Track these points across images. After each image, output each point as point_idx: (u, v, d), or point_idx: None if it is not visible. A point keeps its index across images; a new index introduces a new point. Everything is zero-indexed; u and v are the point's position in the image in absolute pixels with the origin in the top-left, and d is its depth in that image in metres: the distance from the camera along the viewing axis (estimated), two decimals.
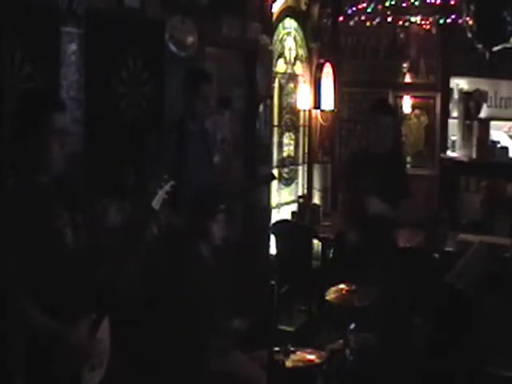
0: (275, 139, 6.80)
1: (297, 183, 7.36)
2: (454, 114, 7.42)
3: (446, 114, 7.48)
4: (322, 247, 6.26)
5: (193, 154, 4.28)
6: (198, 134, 4.39)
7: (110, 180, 4.15)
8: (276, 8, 6.40)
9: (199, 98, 4.28)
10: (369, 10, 7.36)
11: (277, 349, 3.14)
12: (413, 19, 7.47)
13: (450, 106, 7.45)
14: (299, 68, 7.22)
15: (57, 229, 2.66)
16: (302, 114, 7.33)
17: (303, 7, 7.04)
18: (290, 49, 7.00)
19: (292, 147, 7.25)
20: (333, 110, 7.59)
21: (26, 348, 2.54)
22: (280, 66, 6.84)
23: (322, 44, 7.43)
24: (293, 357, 3.23)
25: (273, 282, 2.98)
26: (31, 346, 2.56)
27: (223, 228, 3.66)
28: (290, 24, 6.96)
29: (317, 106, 7.26)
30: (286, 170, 7.10)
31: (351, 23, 7.66)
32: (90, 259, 2.77)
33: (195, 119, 4.34)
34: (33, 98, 2.79)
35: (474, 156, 7.18)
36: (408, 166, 7.66)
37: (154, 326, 3.57)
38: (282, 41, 6.82)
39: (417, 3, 7.20)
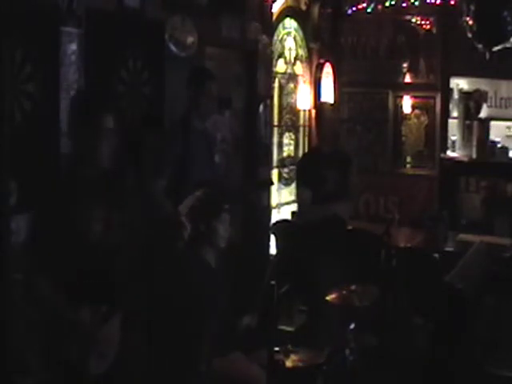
0: (275, 139, 6.80)
1: None
2: (454, 114, 7.41)
3: (446, 114, 7.47)
4: None
5: (197, 151, 4.30)
6: (201, 132, 4.43)
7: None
8: (276, 8, 6.40)
9: (205, 96, 4.31)
10: (369, 10, 7.37)
11: (277, 349, 3.14)
12: (413, 19, 7.49)
13: (450, 106, 7.44)
14: (299, 68, 7.21)
15: (84, 221, 2.79)
16: (301, 113, 7.33)
17: (303, 7, 7.04)
18: (290, 49, 7.00)
19: (292, 147, 7.25)
20: None
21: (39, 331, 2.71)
22: (280, 66, 6.84)
23: (322, 44, 7.42)
24: (293, 357, 3.23)
25: (273, 282, 2.97)
26: (45, 330, 2.71)
27: (228, 228, 3.63)
28: (290, 24, 6.96)
29: (317, 106, 7.25)
30: (285, 170, 7.09)
31: (351, 23, 7.67)
32: (113, 256, 2.87)
33: (200, 117, 4.38)
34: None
35: (474, 156, 7.17)
36: (408, 165, 7.72)
37: (158, 327, 3.57)
38: (282, 41, 6.82)
39: (417, 3, 7.21)
